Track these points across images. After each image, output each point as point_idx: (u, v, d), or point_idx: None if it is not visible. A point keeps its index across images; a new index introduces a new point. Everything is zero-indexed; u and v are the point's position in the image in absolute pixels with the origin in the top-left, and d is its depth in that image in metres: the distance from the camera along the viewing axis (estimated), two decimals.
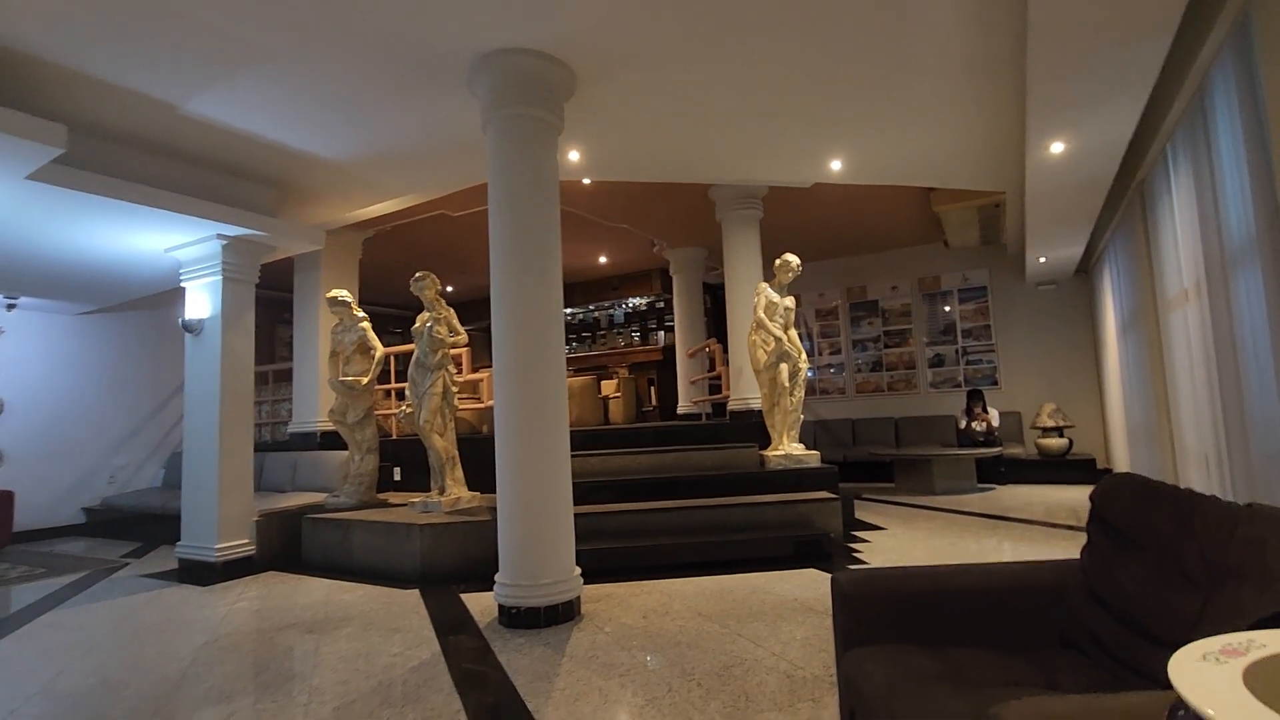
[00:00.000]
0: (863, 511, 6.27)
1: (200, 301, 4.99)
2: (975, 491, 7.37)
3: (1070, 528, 5.23)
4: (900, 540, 5.03)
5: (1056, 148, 4.21)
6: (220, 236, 4.78)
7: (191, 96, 3.69)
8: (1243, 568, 1.28)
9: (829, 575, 3.97)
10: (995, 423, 7.88)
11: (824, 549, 4.54)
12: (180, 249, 4.98)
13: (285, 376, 8.03)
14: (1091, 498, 1.72)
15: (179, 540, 4.93)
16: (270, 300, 8.93)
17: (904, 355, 9.43)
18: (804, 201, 6.90)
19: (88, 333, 7.42)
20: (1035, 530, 5.21)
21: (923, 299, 9.35)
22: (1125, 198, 5.36)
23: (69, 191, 3.83)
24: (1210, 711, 0.56)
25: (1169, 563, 1.45)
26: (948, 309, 9.19)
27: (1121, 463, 7.04)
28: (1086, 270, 8.26)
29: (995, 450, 7.59)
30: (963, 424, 8.02)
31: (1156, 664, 1.36)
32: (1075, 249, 6.94)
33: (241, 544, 4.83)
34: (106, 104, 3.70)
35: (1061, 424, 7.83)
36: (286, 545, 5.14)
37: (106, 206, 4.12)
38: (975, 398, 8.06)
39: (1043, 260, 7.36)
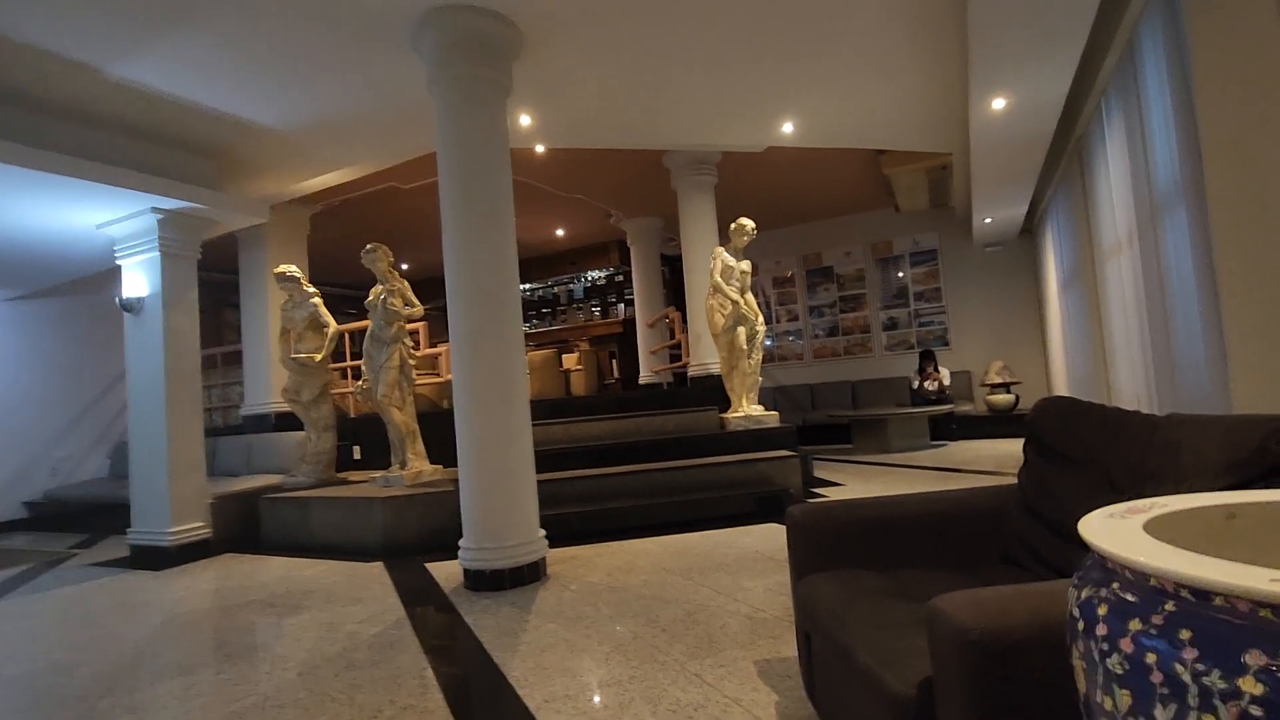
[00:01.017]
0: (822, 470, 6.43)
1: (138, 280, 4.78)
2: (929, 448, 7.62)
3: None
4: (857, 494, 5.13)
5: (998, 104, 4.32)
6: (155, 210, 4.57)
7: (116, 58, 3.50)
8: (1160, 470, 1.36)
9: None
10: (946, 382, 8.15)
11: (784, 504, 4.65)
12: (113, 224, 4.75)
13: (235, 359, 7.78)
14: (1026, 421, 1.80)
15: (129, 528, 4.78)
16: (215, 283, 8.60)
17: (859, 319, 9.63)
18: (758, 167, 6.94)
19: (19, 319, 7.05)
20: (986, 480, 5.43)
21: (876, 264, 9.54)
22: (1065, 155, 5.54)
23: None
24: (1104, 545, 0.61)
25: (1097, 473, 1.53)
26: (900, 274, 9.40)
27: None
28: (1030, 231, 8.53)
29: (947, 408, 7.85)
30: (916, 384, 8.27)
31: None
32: (1019, 209, 7.15)
33: (196, 527, 4.71)
34: (22, 67, 3.49)
35: (1009, 380, 8.13)
36: (244, 527, 5.04)
37: (28, 179, 3.90)
38: (927, 358, 8.31)
39: (989, 221, 7.57)
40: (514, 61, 3.72)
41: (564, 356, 9.03)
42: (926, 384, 8.11)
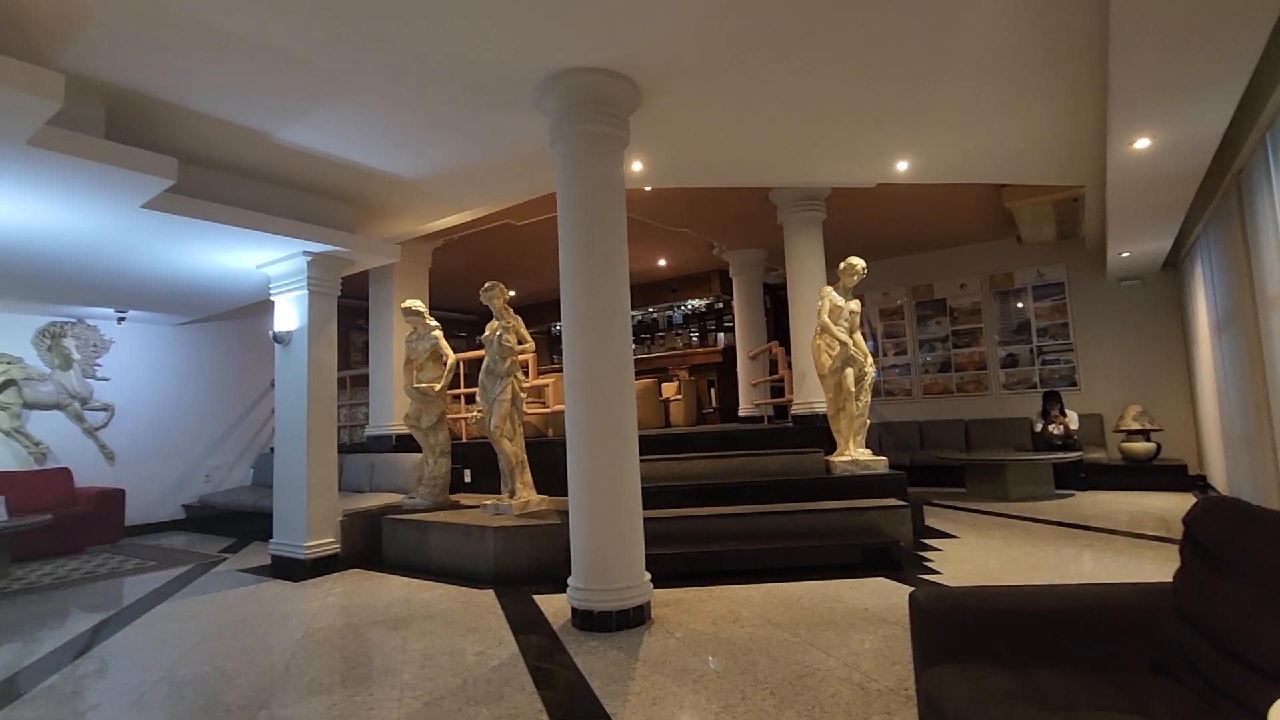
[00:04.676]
0: (933, 518, 6.12)
1: (288, 313, 5.31)
2: (1053, 498, 7.09)
3: (1159, 539, 4.97)
4: (973, 549, 4.90)
5: (1142, 144, 4.02)
6: (306, 253, 5.08)
7: (283, 125, 3.95)
8: None
9: (899, 584, 3.94)
10: (1074, 425, 7.54)
11: (893, 557, 4.48)
12: (270, 265, 5.32)
13: (360, 381, 8.43)
14: (1184, 520, 1.67)
15: (269, 537, 5.27)
16: (344, 308, 9.33)
17: (974, 355, 9.13)
18: (868, 200, 6.78)
19: (185, 342, 7.99)
20: (1120, 540, 4.99)
21: (994, 297, 9.03)
22: (1220, 189, 5.06)
23: (174, 216, 4.15)
24: None
25: (1269, 588, 1.40)
26: (1021, 306, 8.85)
27: (1216, 469, 6.63)
28: (1175, 264, 7.80)
29: (1075, 455, 7.27)
30: (1039, 427, 7.72)
31: (1258, 693, 1.33)
32: (1162, 243, 6.57)
33: (328, 542, 5.12)
34: (207, 135, 4.00)
35: (1148, 427, 7.43)
36: (368, 544, 5.42)
37: (206, 228, 4.44)
38: (1052, 399, 7.74)
39: (1125, 255, 7.00)
40: (631, 114, 3.87)
41: (663, 385, 9.13)
42: (1051, 427, 7.54)
